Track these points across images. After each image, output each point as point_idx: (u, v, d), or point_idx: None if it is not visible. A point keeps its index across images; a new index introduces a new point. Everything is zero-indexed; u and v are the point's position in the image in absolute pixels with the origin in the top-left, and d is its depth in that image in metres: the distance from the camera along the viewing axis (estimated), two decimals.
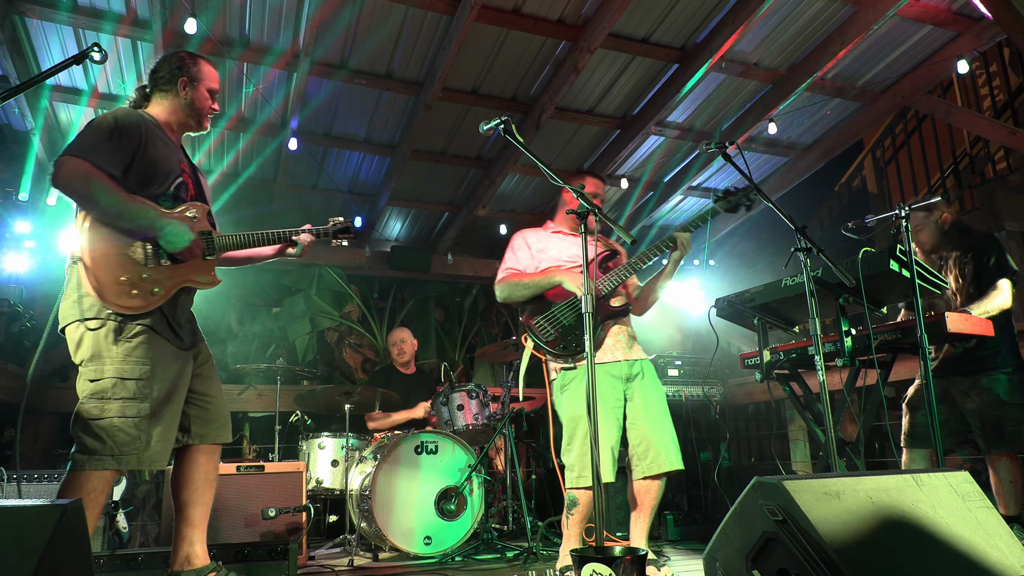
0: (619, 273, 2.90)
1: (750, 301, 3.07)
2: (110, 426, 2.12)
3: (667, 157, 5.77)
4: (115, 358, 2.16)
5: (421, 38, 4.27)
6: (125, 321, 2.18)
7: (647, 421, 2.81)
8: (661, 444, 2.78)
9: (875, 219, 2.98)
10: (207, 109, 2.50)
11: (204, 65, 2.49)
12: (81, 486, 2.10)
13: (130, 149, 2.23)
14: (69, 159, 2.12)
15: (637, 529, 2.84)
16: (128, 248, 2.20)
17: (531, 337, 2.86)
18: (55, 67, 2.07)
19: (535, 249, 3.03)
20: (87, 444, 2.11)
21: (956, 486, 1.86)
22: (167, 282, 2.26)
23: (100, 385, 2.14)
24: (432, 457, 3.96)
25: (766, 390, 3.44)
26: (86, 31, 4.04)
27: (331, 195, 5.96)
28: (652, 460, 2.77)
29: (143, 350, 2.19)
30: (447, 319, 7.34)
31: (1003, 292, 3.10)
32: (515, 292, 2.93)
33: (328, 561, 3.81)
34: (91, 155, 2.14)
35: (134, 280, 2.19)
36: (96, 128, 2.21)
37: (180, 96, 2.43)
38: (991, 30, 4.31)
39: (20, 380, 4.77)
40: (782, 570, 1.61)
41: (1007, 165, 5.87)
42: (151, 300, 2.21)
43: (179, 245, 2.24)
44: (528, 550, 3.54)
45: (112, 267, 2.16)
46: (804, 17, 4.29)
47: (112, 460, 2.11)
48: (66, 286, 2.24)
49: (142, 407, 2.16)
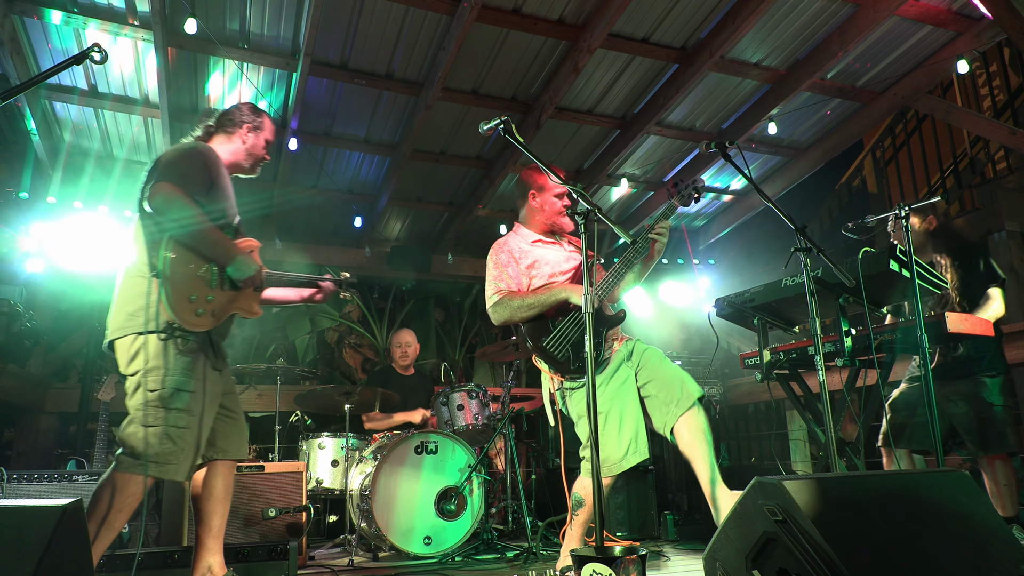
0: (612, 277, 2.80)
1: (750, 301, 3.07)
2: (163, 434, 2.23)
3: (667, 157, 5.77)
4: (176, 370, 2.28)
5: (421, 38, 4.27)
6: (182, 336, 2.31)
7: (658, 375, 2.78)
8: (677, 381, 2.74)
9: (875, 219, 2.99)
10: (261, 156, 2.76)
11: (266, 118, 2.75)
12: (121, 488, 2.19)
13: (209, 179, 2.45)
14: (164, 184, 2.29)
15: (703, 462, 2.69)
16: (199, 270, 2.36)
17: (546, 362, 2.77)
18: (55, 67, 2.07)
19: (523, 264, 2.87)
20: (137, 449, 2.20)
21: (956, 486, 1.86)
22: (226, 306, 2.43)
23: (161, 394, 2.25)
24: (432, 457, 3.96)
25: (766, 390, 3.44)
26: (86, 31, 4.04)
27: (331, 195, 5.96)
28: (679, 398, 2.72)
29: (197, 367, 2.34)
30: (447, 319, 7.35)
31: (997, 300, 3.15)
32: (516, 314, 2.76)
33: (328, 561, 3.81)
34: (183, 182, 2.33)
35: (200, 300, 2.34)
36: (186, 156, 2.44)
37: (241, 141, 2.68)
38: (991, 30, 4.31)
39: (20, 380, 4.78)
40: (782, 570, 1.61)
41: (1007, 165, 5.86)
42: (210, 321, 2.37)
43: (247, 274, 2.42)
44: (528, 550, 3.53)
45: (185, 285, 2.31)
46: (804, 17, 4.29)
47: (154, 467, 2.21)
48: (122, 297, 2.35)
49: (191, 420, 2.29)
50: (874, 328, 2.83)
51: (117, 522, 2.19)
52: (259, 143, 2.71)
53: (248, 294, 2.53)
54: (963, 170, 6.22)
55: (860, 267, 2.69)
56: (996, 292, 3.15)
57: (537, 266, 2.87)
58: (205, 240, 2.36)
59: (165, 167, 2.36)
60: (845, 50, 4.35)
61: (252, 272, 2.43)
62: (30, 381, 4.99)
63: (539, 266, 2.87)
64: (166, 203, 2.29)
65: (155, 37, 3.98)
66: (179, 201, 2.29)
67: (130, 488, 2.20)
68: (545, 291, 2.77)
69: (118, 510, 2.18)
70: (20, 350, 4.73)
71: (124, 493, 2.19)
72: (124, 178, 5.48)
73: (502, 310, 2.78)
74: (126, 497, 2.19)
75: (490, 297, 2.84)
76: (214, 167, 2.50)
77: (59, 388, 5.26)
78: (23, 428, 5.07)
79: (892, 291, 3.03)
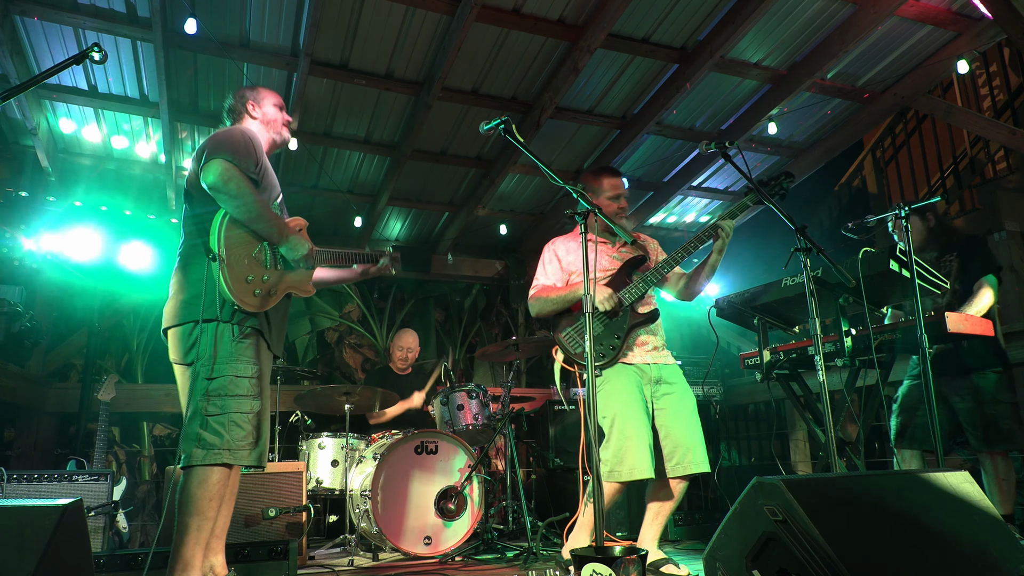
0: (647, 278, 2.86)
1: (750, 301, 3.07)
2: (228, 422, 2.22)
3: (667, 157, 5.77)
4: (232, 357, 2.27)
5: (421, 38, 4.26)
6: (241, 321, 2.30)
7: (680, 427, 2.81)
8: (690, 445, 2.78)
9: (875, 219, 2.99)
10: (282, 121, 2.71)
11: (261, 88, 2.73)
12: (203, 481, 2.18)
13: (257, 158, 2.44)
14: (220, 161, 2.27)
15: (652, 529, 2.84)
16: (254, 250, 2.36)
17: (561, 349, 2.88)
18: (55, 67, 2.08)
19: (565, 262, 3.02)
20: (206, 439, 2.19)
21: (956, 486, 1.86)
22: (280, 286, 2.42)
23: (219, 383, 2.24)
24: (432, 457, 3.96)
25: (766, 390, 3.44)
26: (86, 31, 4.04)
27: (331, 195, 5.96)
28: (678, 461, 2.77)
29: (253, 350, 2.33)
30: (447, 319, 7.34)
31: (986, 291, 3.15)
32: (544, 307, 2.95)
33: (328, 561, 3.81)
34: (237, 159, 2.32)
35: (256, 280, 2.33)
36: (236, 135, 2.42)
37: (255, 118, 2.66)
38: (991, 30, 4.31)
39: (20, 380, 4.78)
40: (782, 570, 1.61)
41: (1007, 165, 5.86)
42: (267, 301, 2.36)
43: (299, 253, 2.42)
44: (528, 550, 3.53)
45: (241, 266, 2.30)
46: (804, 17, 4.29)
47: (229, 454, 2.21)
48: (178, 284, 2.35)
49: (255, 404, 2.29)
50: (874, 328, 2.83)
51: (211, 511, 2.18)
52: (269, 111, 2.68)
53: (301, 273, 2.52)
54: (963, 170, 6.22)
55: (860, 267, 2.69)
56: (986, 282, 3.16)
57: (576, 263, 3.00)
58: (261, 218, 2.34)
59: (216, 145, 2.33)
60: (845, 50, 4.35)
61: (304, 251, 2.42)
62: (30, 381, 4.99)
63: (578, 263, 2.99)
64: (223, 179, 2.26)
65: (155, 37, 3.98)
66: (236, 178, 2.28)
67: (212, 479, 2.19)
68: (568, 289, 2.92)
69: (209, 499, 2.17)
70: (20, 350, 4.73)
71: (207, 485, 2.17)
72: (124, 178, 5.48)
73: (535, 304, 2.99)
74: (211, 487, 2.18)
75: (530, 293, 3.03)
76: (259, 147, 2.49)
77: (59, 388, 5.26)
78: (23, 428, 5.06)
79: (892, 291, 3.03)
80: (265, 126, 2.67)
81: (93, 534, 3.56)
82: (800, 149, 5.75)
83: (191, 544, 2.15)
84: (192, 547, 2.15)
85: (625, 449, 2.69)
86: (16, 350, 4.67)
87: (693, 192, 6.32)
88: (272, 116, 2.68)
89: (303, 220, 2.60)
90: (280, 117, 2.70)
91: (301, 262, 2.45)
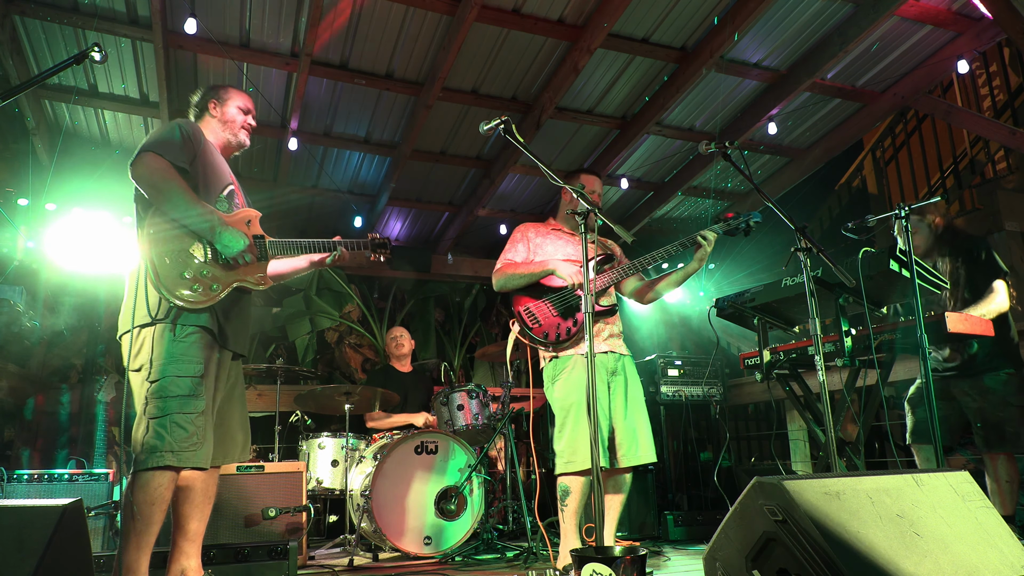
0: (614, 274, 2.99)
1: (750, 301, 3.07)
2: (171, 423, 2.18)
3: (667, 157, 5.77)
4: (173, 357, 2.24)
5: (421, 38, 4.26)
6: (181, 320, 2.27)
7: (628, 416, 2.89)
8: (637, 437, 2.86)
9: (875, 219, 2.98)
10: (240, 125, 2.70)
11: (231, 89, 2.74)
12: (144, 485, 2.15)
13: (193, 150, 2.43)
14: (147, 154, 2.29)
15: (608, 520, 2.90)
16: (190, 246, 2.34)
17: (519, 322, 2.98)
18: (55, 67, 2.08)
19: (533, 244, 3.13)
20: (148, 442, 2.16)
21: (956, 486, 1.86)
22: (224, 279, 2.38)
23: (159, 384, 2.21)
24: (432, 457, 3.96)
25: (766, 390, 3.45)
26: (86, 31, 4.04)
27: (331, 195, 5.96)
28: (624, 452, 2.84)
29: (196, 349, 2.27)
30: (447, 319, 7.34)
31: (1000, 293, 3.11)
32: (510, 282, 3.05)
33: (328, 561, 3.81)
34: (166, 151, 2.32)
35: (195, 275, 2.31)
36: (168, 129, 2.42)
37: (214, 117, 2.66)
38: (991, 30, 4.30)
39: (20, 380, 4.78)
40: (782, 570, 1.61)
41: (1007, 165, 5.86)
42: (211, 295, 2.32)
43: (234, 250, 2.36)
44: (528, 550, 3.53)
45: (176, 263, 2.29)
46: (804, 17, 4.29)
47: (173, 456, 2.16)
48: (127, 294, 2.34)
49: (198, 404, 2.24)
50: (874, 328, 2.83)
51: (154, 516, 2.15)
52: (230, 111, 2.66)
53: (252, 266, 2.46)
54: (963, 170, 6.22)
55: (860, 267, 2.69)
56: (1000, 285, 3.12)
57: (543, 247, 3.11)
58: (189, 213, 2.30)
59: (147, 140, 2.37)
60: (845, 50, 4.35)
61: (239, 248, 2.36)
62: (30, 381, 4.99)
63: (545, 247, 3.11)
64: (148, 172, 2.27)
65: (155, 37, 3.98)
66: (159, 170, 2.27)
67: (155, 482, 2.15)
68: (537, 265, 3.01)
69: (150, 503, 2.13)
70: (20, 350, 4.73)
71: (150, 488, 2.14)
72: (124, 179, 5.47)
73: (502, 278, 3.08)
74: (154, 490, 2.14)
75: (495, 267, 3.11)
76: (195, 135, 2.47)
77: (59, 388, 5.26)
78: (23, 428, 5.06)
79: (892, 291, 3.03)
80: (222, 126, 2.66)
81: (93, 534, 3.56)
82: (800, 149, 5.75)
83: (131, 550, 2.13)
84: (133, 552, 2.13)
85: (579, 439, 2.75)
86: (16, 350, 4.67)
87: (693, 192, 6.31)
88: (231, 117, 2.67)
89: (254, 212, 2.57)
90: (241, 120, 2.69)
91: (239, 257, 2.38)
